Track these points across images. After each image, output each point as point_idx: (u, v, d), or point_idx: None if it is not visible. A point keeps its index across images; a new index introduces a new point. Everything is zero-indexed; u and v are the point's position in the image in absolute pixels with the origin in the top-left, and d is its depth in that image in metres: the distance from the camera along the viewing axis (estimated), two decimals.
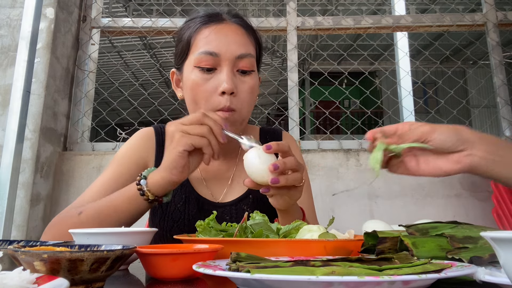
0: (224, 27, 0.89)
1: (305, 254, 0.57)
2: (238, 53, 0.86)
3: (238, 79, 0.88)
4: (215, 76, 0.86)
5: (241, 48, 0.87)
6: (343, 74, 2.50)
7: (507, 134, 2.22)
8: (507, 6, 3.34)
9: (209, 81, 0.86)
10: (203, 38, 0.88)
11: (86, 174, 2.07)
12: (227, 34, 0.88)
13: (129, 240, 0.62)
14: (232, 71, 0.87)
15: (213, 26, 0.89)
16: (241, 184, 1.00)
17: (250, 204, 0.97)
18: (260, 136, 1.09)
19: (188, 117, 0.77)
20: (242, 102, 0.88)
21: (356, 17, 2.43)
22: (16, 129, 1.74)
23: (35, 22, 1.87)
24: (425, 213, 2.03)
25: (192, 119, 0.76)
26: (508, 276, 0.37)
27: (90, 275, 0.44)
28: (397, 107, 2.53)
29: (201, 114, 0.76)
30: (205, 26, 0.89)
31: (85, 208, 0.81)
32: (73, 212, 0.81)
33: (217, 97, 0.85)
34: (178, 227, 0.94)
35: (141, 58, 7.26)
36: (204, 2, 4.47)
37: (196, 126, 0.75)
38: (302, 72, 2.54)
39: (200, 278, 0.54)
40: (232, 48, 0.86)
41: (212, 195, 0.98)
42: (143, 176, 0.79)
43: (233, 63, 0.87)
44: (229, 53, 0.86)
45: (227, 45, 0.86)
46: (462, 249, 0.51)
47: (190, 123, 0.75)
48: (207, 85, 0.85)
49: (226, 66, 0.86)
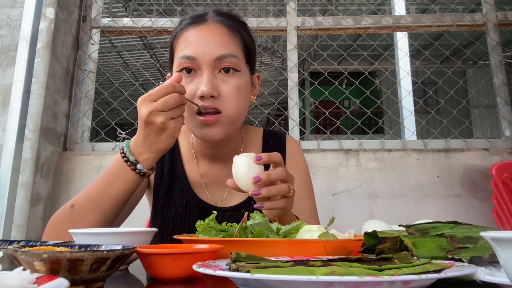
0: (204, 28, 0.86)
1: (305, 254, 0.57)
2: (217, 54, 0.84)
3: (221, 80, 0.85)
4: (196, 79, 0.85)
5: (221, 49, 0.84)
6: (343, 74, 2.50)
7: (507, 134, 2.22)
8: (507, 6, 3.34)
9: (190, 85, 0.84)
10: (183, 42, 0.87)
11: (86, 174, 2.07)
12: (204, 36, 0.85)
13: (129, 240, 0.62)
14: (212, 73, 0.84)
15: (192, 29, 0.87)
16: None
17: (251, 210, 0.96)
18: (263, 139, 1.06)
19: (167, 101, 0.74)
20: (227, 103, 0.84)
21: (356, 17, 2.43)
22: (16, 129, 1.74)
23: (35, 22, 1.87)
24: (425, 213, 2.03)
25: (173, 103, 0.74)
26: (508, 276, 0.37)
27: (90, 275, 0.44)
28: (397, 107, 2.53)
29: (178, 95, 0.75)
30: (185, 29, 0.88)
31: (76, 200, 0.81)
32: (66, 207, 0.81)
33: (198, 101, 0.83)
34: (179, 232, 0.93)
35: (141, 58, 7.26)
36: (204, 2, 4.47)
37: (177, 109, 0.75)
38: (302, 72, 2.54)
39: (200, 278, 0.54)
40: (210, 50, 0.84)
41: (212, 200, 0.98)
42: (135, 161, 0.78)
43: (213, 65, 0.84)
44: (207, 56, 0.83)
45: (205, 47, 0.84)
46: (462, 249, 0.51)
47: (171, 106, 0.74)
48: (188, 89, 0.83)
49: (205, 69, 0.84)
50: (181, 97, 0.75)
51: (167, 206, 0.96)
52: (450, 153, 2.14)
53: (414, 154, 2.14)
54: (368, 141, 2.22)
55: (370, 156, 2.14)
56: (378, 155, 2.14)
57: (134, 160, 0.78)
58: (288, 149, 1.06)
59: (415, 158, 2.14)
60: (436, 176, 2.11)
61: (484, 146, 2.17)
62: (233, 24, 0.89)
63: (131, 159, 0.78)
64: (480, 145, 2.18)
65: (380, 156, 2.14)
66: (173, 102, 0.74)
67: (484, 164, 2.09)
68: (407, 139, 2.28)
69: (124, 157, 0.79)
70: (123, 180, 0.79)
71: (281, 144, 1.06)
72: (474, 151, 2.14)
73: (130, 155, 0.78)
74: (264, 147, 1.04)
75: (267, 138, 1.06)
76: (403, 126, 2.44)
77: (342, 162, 2.13)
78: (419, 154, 2.14)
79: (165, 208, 0.96)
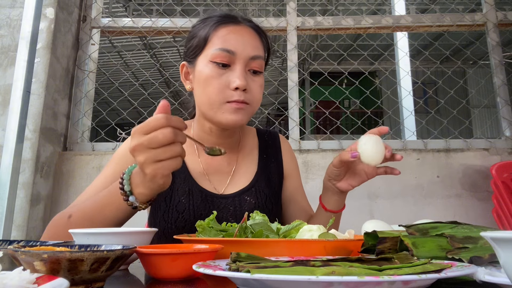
0: (241, 29, 0.95)
1: (305, 254, 0.57)
2: (252, 54, 0.92)
3: (249, 78, 0.93)
4: (229, 72, 0.91)
5: (255, 50, 0.94)
6: (343, 74, 2.50)
7: (507, 134, 2.22)
8: (507, 6, 3.34)
9: (223, 76, 0.91)
10: (221, 36, 0.93)
11: (86, 174, 2.07)
12: (243, 35, 0.94)
13: (129, 240, 0.62)
14: (245, 69, 0.92)
15: (231, 27, 0.95)
16: (243, 177, 1.03)
17: (253, 196, 1.01)
18: (258, 135, 1.14)
19: (156, 137, 0.64)
20: (253, 97, 0.93)
21: (356, 17, 2.43)
22: (16, 129, 1.74)
23: (35, 22, 1.87)
24: (425, 213, 2.03)
25: (164, 140, 0.64)
26: (508, 276, 0.37)
27: (90, 275, 0.44)
28: (397, 107, 2.53)
29: (171, 130, 0.65)
30: (223, 25, 0.95)
31: (74, 211, 0.82)
32: (64, 215, 0.82)
33: (230, 91, 0.90)
34: (183, 218, 0.95)
35: (141, 58, 7.26)
36: (204, 2, 4.47)
37: (167, 149, 0.65)
38: (302, 72, 2.54)
39: (200, 278, 0.54)
40: (247, 49, 0.92)
41: (215, 188, 1.00)
42: (129, 192, 0.74)
43: (246, 63, 0.92)
44: (245, 53, 0.92)
45: (243, 45, 0.92)
46: (462, 249, 0.51)
47: (160, 144, 0.65)
48: (221, 79, 0.90)
49: (240, 64, 0.91)
50: (175, 133, 0.65)
51: (169, 196, 0.98)
52: (450, 153, 2.14)
53: (414, 154, 2.14)
54: None
55: None
56: None
57: (128, 190, 0.74)
58: (282, 145, 1.15)
59: (415, 158, 2.14)
60: (436, 176, 2.11)
61: (484, 146, 2.17)
62: (261, 32, 1.00)
63: (125, 188, 0.74)
64: (480, 145, 2.18)
65: None
66: (161, 138, 0.64)
67: (484, 164, 2.09)
68: (407, 139, 2.28)
69: (120, 184, 0.74)
70: (116, 206, 0.76)
71: (275, 140, 1.15)
72: (474, 151, 2.14)
73: (126, 184, 0.74)
74: (260, 142, 1.13)
75: (261, 135, 1.15)
76: (403, 126, 2.44)
77: None
78: (419, 154, 2.14)
79: (168, 197, 0.98)
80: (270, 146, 1.12)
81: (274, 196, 1.05)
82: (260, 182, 1.03)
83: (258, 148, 1.10)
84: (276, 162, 1.10)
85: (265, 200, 1.01)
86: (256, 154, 1.09)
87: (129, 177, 0.74)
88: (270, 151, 1.11)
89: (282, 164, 1.11)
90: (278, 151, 1.12)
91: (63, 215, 0.83)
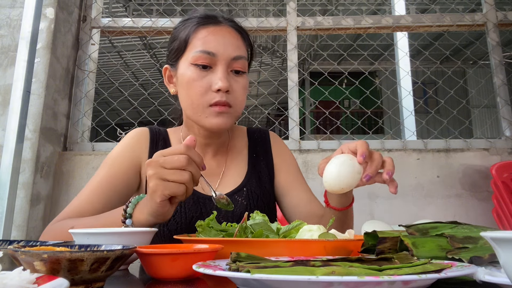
0: (222, 29, 0.94)
1: (305, 254, 0.57)
2: (234, 55, 0.92)
3: (232, 79, 0.92)
4: (210, 74, 0.91)
5: (236, 51, 0.93)
6: (343, 74, 2.50)
7: (507, 134, 2.22)
8: (507, 6, 3.34)
9: (205, 78, 0.90)
10: (202, 38, 0.92)
11: (86, 174, 2.07)
12: (224, 36, 0.93)
13: (129, 240, 0.62)
14: (227, 71, 0.91)
15: (211, 28, 0.93)
16: (233, 179, 1.02)
17: (245, 197, 1.00)
18: (248, 135, 1.13)
19: (171, 159, 0.70)
20: (236, 99, 0.92)
21: (356, 17, 2.43)
22: (16, 129, 1.74)
23: (35, 22, 1.87)
24: (425, 213, 2.03)
25: (176, 163, 0.69)
26: (508, 276, 0.37)
27: (90, 275, 0.44)
28: (397, 107, 2.53)
29: (187, 157, 0.70)
30: (203, 26, 0.94)
31: (77, 226, 0.81)
32: (66, 226, 0.81)
33: (212, 93, 0.89)
34: (175, 220, 0.94)
35: (141, 58, 7.26)
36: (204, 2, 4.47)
37: (176, 172, 0.69)
38: (302, 72, 2.54)
39: (200, 278, 0.54)
40: (228, 49, 0.91)
41: (203, 190, 0.99)
42: (128, 215, 0.76)
43: (228, 64, 0.91)
44: (226, 54, 0.91)
45: (224, 46, 0.91)
46: (462, 249, 0.51)
47: (172, 166, 0.69)
48: (203, 81, 0.90)
49: (221, 65, 0.90)
50: (188, 161, 0.70)
51: None
52: (450, 153, 2.14)
53: (414, 154, 2.14)
54: (368, 141, 2.21)
55: None
56: None
57: (129, 213, 0.76)
58: (273, 142, 1.13)
59: (415, 158, 2.14)
60: (436, 176, 2.11)
61: (484, 146, 2.17)
62: (242, 31, 0.99)
63: (128, 210, 0.76)
64: (480, 145, 2.18)
65: None
66: (174, 161, 0.69)
67: (484, 164, 2.09)
68: (407, 139, 2.28)
69: (126, 206, 0.77)
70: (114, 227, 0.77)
71: (265, 137, 1.13)
72: (474, 151, 2.14)
73: (131, 207, 0.76)
74: (250, 141, 1.11)
75: (251, 134, 1.14)
76: (403, 126, 2.44)
77: None
78: (419, 154, 2.14)
79: None
80: (259, 144, 1.11)
81: (266, 195, 1.03)
82: (251, 182, 1.02)
83: (247, 148, 1.09)
84: (266, 159, 1.08)
85: (256, 200, 1.00)
86: (245, 154, 1.08)
87: (137, 202, 0.77)
88: (260, 149, 1.09)
89: (272, 159, 1.08)
90: (267, 148, 1.10)
91: (65, 225, 0.82)
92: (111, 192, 0.92)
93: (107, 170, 0.95)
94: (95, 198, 0.90)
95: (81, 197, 0.92)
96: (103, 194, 0.91)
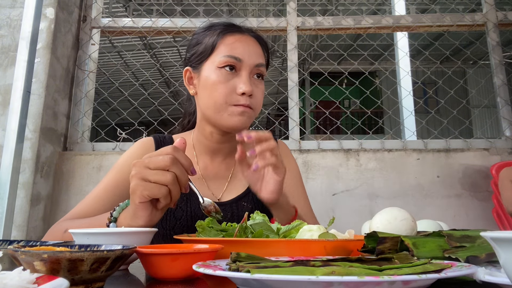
0: (246, 38, 1.01)
1: (305, 254, 0.57)
2: (257, 62, 0.98)
3: (253, 83, 0.97)
4: (235, 78, 0.96)
5: (259, 58, 1.00)
6: (343, 74, 2.50)
7: (507, 134, 2.22)
8: (507, 6, 3.34)
9: (230, 81, 0.95)
10: (229, 44, 0.98)
11: (86, 174, 2.07)
12: (248, 44, 1.00)
13: (129, 240, 0.62)
14: (250, 76, 0.97)
15: (238, 36, 1.00)
16: (241, 182, 1.04)
17: (250, 201, 1.02)
18: None
19: (156, 159, 0.68)
20: (256, 103, 0.97)
21: (356, 17, 2.43)
22: (16, 129, 1.74)
23: (35, 22, 1.87)
24: (425, 213, 2.03)
25: (159, 163, 0.67)
26: (508, 276, 0.37)
27: (90, 275, 0.44)
28: (397, 107, 2.53)
29: (171, 157, 0.68)
30: (229, 33, 1.00)
31: (70, 227, 0.81)
32: (61, 228, 0.84)
33: (236, 96, 0.94)
34: (181, 224, 0.96)
35: (141, 58, 7.26)
36: (204, 2, 4.47)
37: (159, 172, 0.67)
38: (302, 72, 2.54)
39: (200, 278, 0.54)
40: (252, 57, 0.98)
41: (213, 194, 1.01)
42: (113, 218, 0.75)
43: (251, 70, 0.97)
44: (251, 61, 0.97)
45: (248, 53, 0.98)
46: (459, 248, 0.50)
47: (155, 166, 0.67)
48: (228, 84, 0.94)
49: (246, 71, 0.96)
50: (172, 161, 0.67)
51: None
52: (450, 153, 2.14)
53: (414, 154, 2.14)
54: (368, 141, 2.22)
55: (370, 156, 2.14)
56: (378, 155, 2.15)
57: (115, 217, 0.75)
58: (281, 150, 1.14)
59: (415, 158, 2.14)
60: (436, 176, 2.11)
61: (484, 146, 2.17)
62: (263, 42, 1.06)
63: (114, 214, 0.75)
64: (480, 145, 2.18)
65: (380, 156, 2.14)
66: (158, 161, 0.67)
67: (484, 164, 2.09)
68: (407, 139, 2.28)
69: (113, 209, 0.76)
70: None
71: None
72: (474, 151, 2.14)
73: (118, 211, 0.75)
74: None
75: None
76: (403, 126, 2.44)
77: (342, 162, 2.13)
78: (419, 154, 2.14)
79: None
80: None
81: None
82: None
83: None
84: None
85: (262, 205, 1.01)
86: None
87: (125, 206, 0.76)
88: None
89: None
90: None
91: (61, 228, 0.85)
92: (115, 197, 0.94)
93: (113, 176, 0.98)
94: (99, 203, 0.93)
95: (86, 201, 0.95)
96: (107, 199, 0.93)
